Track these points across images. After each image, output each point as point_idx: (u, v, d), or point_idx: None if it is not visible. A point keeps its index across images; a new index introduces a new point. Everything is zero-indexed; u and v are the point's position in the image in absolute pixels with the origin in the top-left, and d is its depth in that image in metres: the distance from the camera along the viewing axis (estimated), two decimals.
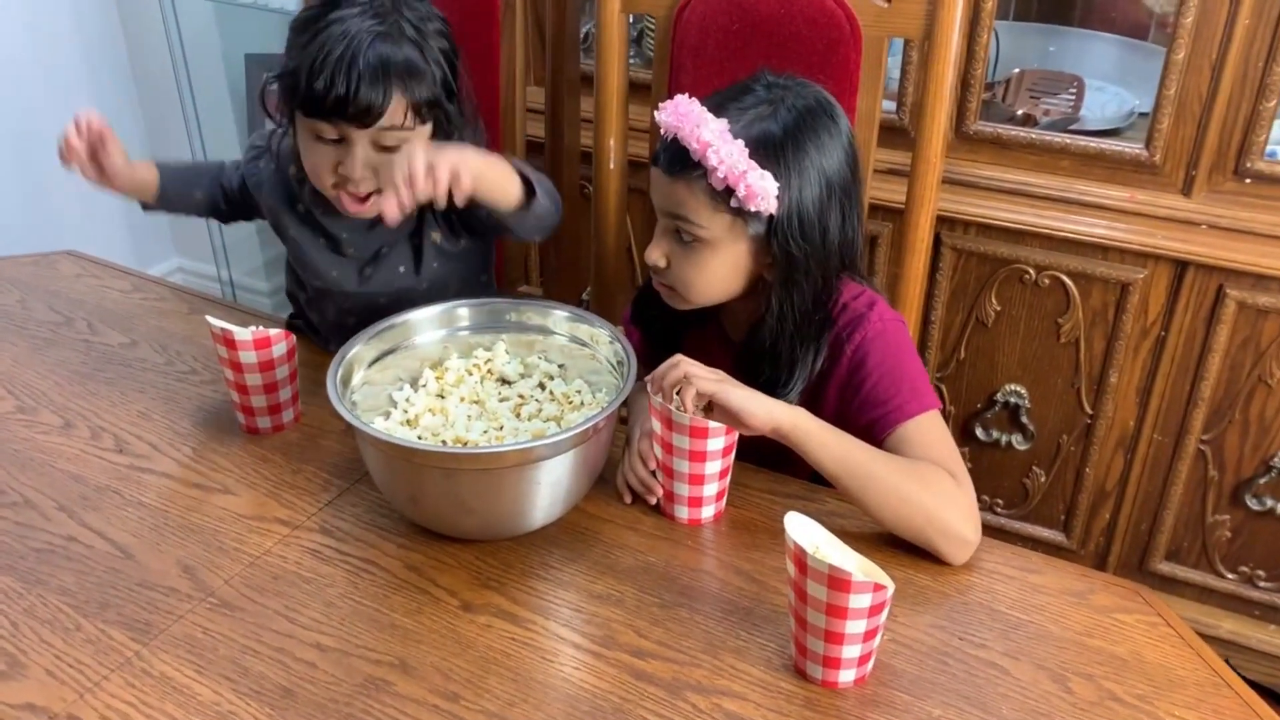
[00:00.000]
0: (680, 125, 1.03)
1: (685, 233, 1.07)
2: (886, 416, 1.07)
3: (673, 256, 1.09)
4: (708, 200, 1.04)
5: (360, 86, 1.11)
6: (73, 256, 1.63)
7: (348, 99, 1.11)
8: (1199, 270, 1.55)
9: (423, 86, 1.16)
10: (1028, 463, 1.79)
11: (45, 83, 2.44)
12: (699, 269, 1.09)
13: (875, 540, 1.05)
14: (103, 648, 0.95)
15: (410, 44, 1.15)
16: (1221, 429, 1.64)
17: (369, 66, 1.11)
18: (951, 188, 1.64)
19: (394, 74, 1.13)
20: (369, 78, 1.11)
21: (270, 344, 1.16)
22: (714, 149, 1.01)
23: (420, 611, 0.98)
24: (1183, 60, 1.48)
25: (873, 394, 1.08)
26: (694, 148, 1.02)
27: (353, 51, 1.11)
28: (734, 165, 1.01)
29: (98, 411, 1.27)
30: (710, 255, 1.07)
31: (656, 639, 0.95)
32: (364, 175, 1.18)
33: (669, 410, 1.03)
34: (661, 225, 1.10)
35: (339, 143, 1.17)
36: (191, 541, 1.07)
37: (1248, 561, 1.71)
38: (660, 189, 1.08)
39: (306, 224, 1.32)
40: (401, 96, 1.14)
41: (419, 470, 1.01)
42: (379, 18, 1.14)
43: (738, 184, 1.01)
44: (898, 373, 1.09)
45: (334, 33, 1.11)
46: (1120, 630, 0.96)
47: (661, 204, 1.09)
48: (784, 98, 1.06)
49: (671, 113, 1.04)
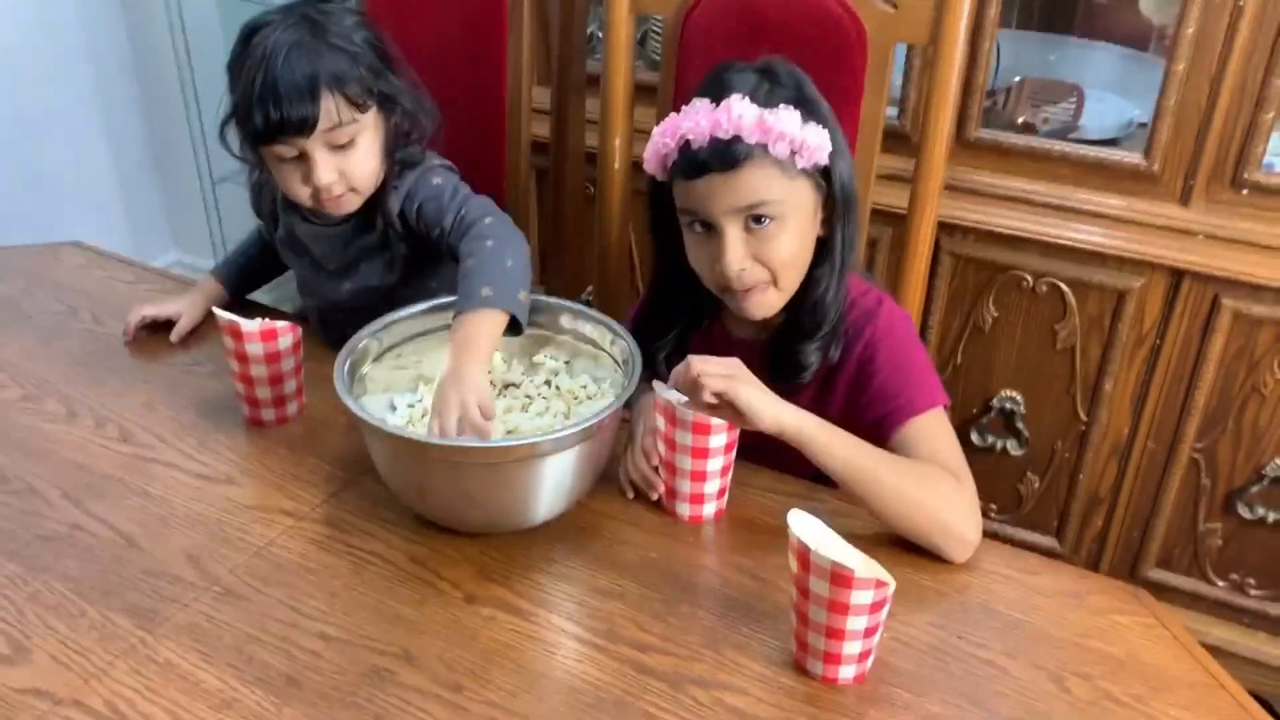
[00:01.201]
0: (720, 120, 1.02)
1: (763, 217, 1.05)
2: (896, 412, 1.08)
3: (753, 253, 1.07)
4: (779, 172, 1.04)
5: (290, 104, 1.15)
6: (78, 247, 1.63)
7: (283, 119, 1.16)
8: (1195, 279, 1.57)
9: (350, 81, 1.19)
10: (1022, 468, 1.81)
11: (49, 76, 2.44)
12: (786, 245, 1.07)
13: (876, 539, 1.06)
14: (108, 634, 0.96)
15: (329, 46, 1.19)
16: (1215, 437, 1.65)
17: (290, 83, 1.15)
18: (951, 194, 1.65)
19: (319, 80, 1.17)
20: (295, 93, 1.15)
21: (276, 336, 1.17)
22: (768, 120, 1.02)
23: (425, 603, 0.99)
24: (1182, 71, 1.50)
25: (882, 389, 1.09)
26: (749, 129, 1.02)
27: (273, 74, 1.15)
28: (791, 127, 1.02)
29: (102, 401, 1.27)
30: (792, 227, 1.07)
31: (659, 633, 0.96)
32: (331, 179, 1.21)
33: (672, 406, 1.04)
34: (730, 231, 1.05)
35: (300, 158, 1.21)
36: (196, 531, 1.08)
37: (1238, 569, 1.73)
38: (719, 191, 1.04)
39: (289, 246, 1.38)
40: (331, 96, 1.18)
41: (426, 464, 1.01)
42: (291, 29, 1.18)
43: (800, 145, 1.03)
44: (907, 369, 1.10)
45: (254, 60, 1.16)
46: (1117, 631, 0.97)
47: (728, 205, 1.05)
48: (772, 67, 1.08)
49: (701, 117, 1.03)
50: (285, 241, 1.39)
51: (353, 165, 1.22)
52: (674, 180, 1.09)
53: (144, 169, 2.74)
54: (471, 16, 1.58)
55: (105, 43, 2.54)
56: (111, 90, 2.59)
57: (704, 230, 1.09)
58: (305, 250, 1.37)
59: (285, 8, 1.22)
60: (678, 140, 1.06)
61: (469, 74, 1.61)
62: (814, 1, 1.32)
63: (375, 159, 1.25)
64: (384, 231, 1.30)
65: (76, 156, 2.56)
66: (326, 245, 1.34)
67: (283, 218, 1.37)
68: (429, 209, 1.27)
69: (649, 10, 1.48)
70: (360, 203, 1.27)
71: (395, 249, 1.31)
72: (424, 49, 1.60)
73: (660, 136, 1.08)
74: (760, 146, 1.03)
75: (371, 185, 1.27)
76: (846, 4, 1.31)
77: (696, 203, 1.07)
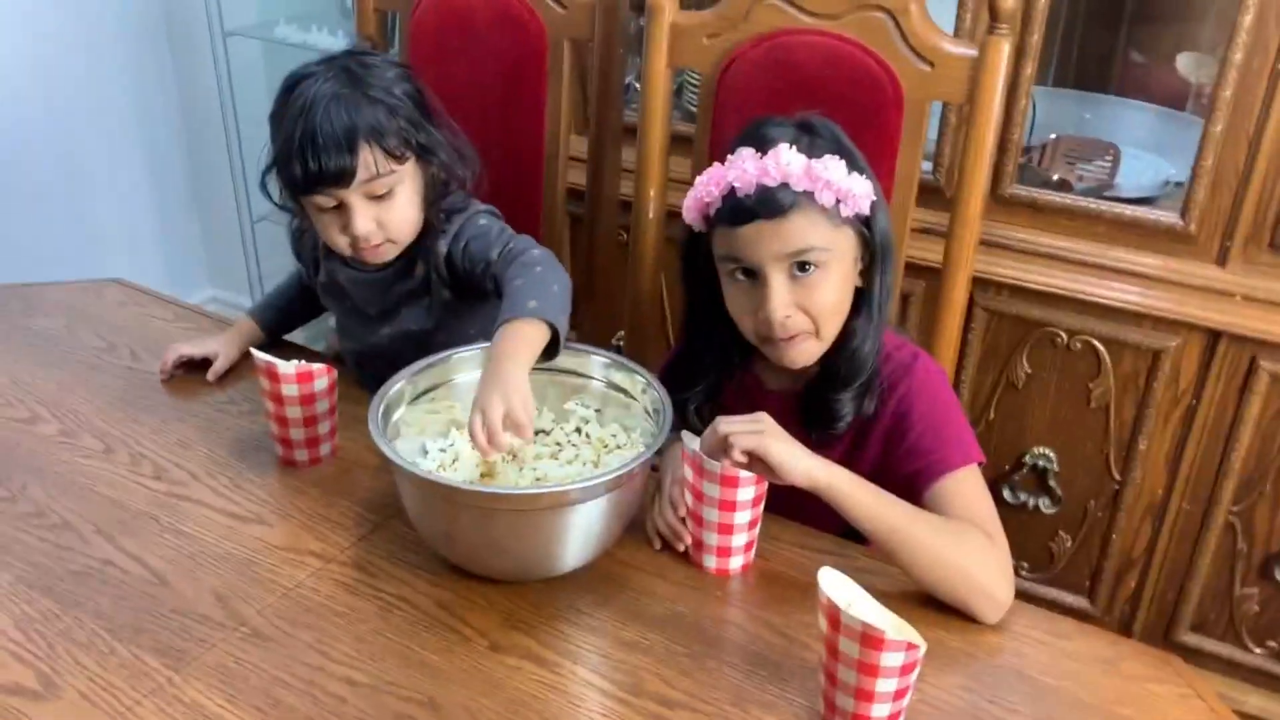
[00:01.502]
0: (769, 167, 1.04)
1: (808, 264, 1.06)
2: (931, 467, 1.07)
3: (797, 300, 1.07)
4: (824, 219, 1.05)
5: (328, 155, 1.17)
6: (119, 284, 1.66)
7: (322, 170, 1.18)
8: (1232, 341, 1.55)
9: (389, 134, 1.21)
10: (1054, 527, 1.78)
11: (94, 119, 2.50)
12: (830, 293, 1.08)
13: (905, 598, 1.05)
14: (136, 672, 0.96)
15: (368, 99, 1.21)
16: (1252, 500, 1.63)
17: (329, 135, 1.17)
18: (986, 249, 1.65)
19: (357, 132, 1.19)
20: (333, 145, 1.17)
21: (313, 379, 1.18)
22: (814, 168, 1.03)
23: (450, 650, 0.99)
24: (1220, 133, 1.49)
25: (918, 444, 1.09)
26: (796, 176, 1.03)
27: (312, 126, 1.17)
28: (837, 176, 1.04)
29: (138, 438, 1.29)
30: (835, 275, 1.08)
31: (684, 689, 0.95)
32: (369, 229, 1.24)
33: (700, 458, 1.03)
34: (775, 278, 1.06)
35: (339, 208, 1.23)
36: (226, 570, 1.09)
37: (1276, 636, 1.69)
38: (766, 238, 1.05)
39: (330, 291, 1.41)
40: (369, 148, 1.20)
41: (455, 509, 1.02)
42: (332, 81, 1.20)
43: (845, 194, 1.04)
44: (943, 424, 1.10)
45: (294, 111, 1.19)
46: (1151, 701, 0.95)
47: (775, 252, 1.05)
48: (809, 121, 1.10)
49: (748, 166, 1.05)
50: (326, 287, 1.41)
51: (391, 215, 1.24)
52: (716, 228, 1.10)
53: (184, 206, 2.79)
54: (512, 65, 1.61)
55: (151, 83, 2.60)
56: (155, 129, 2.65)
57: (746, 278, 1.09)
58: (345, 295, 1.39)
59: (328, 59, 1.25)
60: (723, 189, 1.07)
61: (508, 121, 1.64)
62: (851, 59, 1.33)
63: (414, 209, 1.27)
64: (426, 276, 1.32)
65: (118, 192, 2.61)
66: (367, 290, 1.36)
67: (324, 264, 1.39)
68: (476, 246, 1.28)
69: (686, 65, 1.50)
70: (397, 252, 1.30)
71: (437, 294, 1.33)
72: (464, 96, 1.63)
73: (704, 186, 1.09)
74: (806, 194, 1.04)
75: (409, 235, 1.29)
76: (884, 62, 1.32)
77: (741, 250, 1.07)
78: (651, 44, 1.46)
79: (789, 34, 1.37)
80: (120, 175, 2.61)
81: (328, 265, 1.39)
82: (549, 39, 1.58)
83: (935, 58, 1.31)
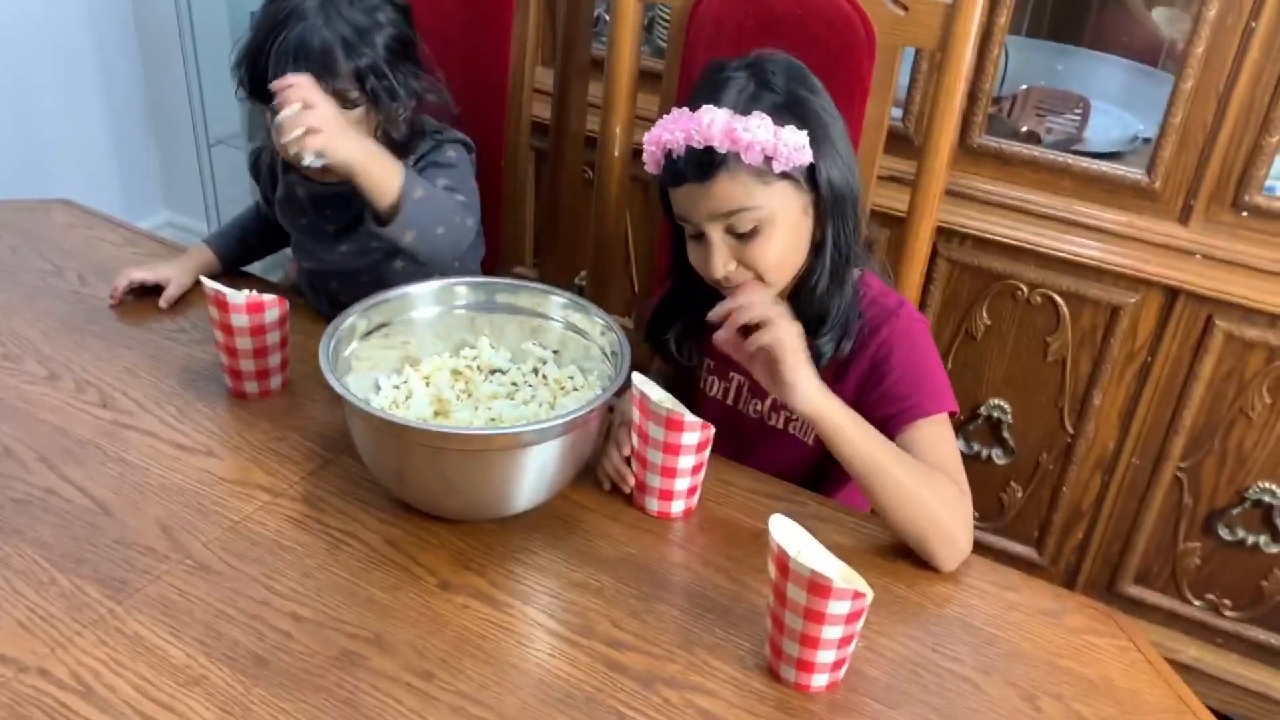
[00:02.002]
0: (692, 130, 1.03)
1: (744, 222, 1.05)
2: (905, 412, 1.08)
3: (739, 256, 1.08)
4: (754, 179, 1.04)
5: (276, 74, 1.15)
6: (67, 205, 1.61)
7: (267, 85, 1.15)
8: (1190, 299, 1.56)
9: (341, 77, 1.20)
10: (1006, 477, 1.80)
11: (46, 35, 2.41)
12: (770, 249, 1.07)
13: (857, 547, 1.06)
14: (77, 603, 0.95)
15: (335, 33, 1.19)
16: (1199, 457, 1.65)
17: (282, 54, 1.17)
18: (951, 199, 1.64)
19: (312, 62, 1.17)
20: (283, 66, 1.16)
21: (263, 309, 1.16)
22: (738, 129, 1.02)
23: (398, 588, 0.98)
24: (1190, 90, 1.49)
25: (895, 388, 1.10)
26: (718, 139, 1.02)
27: (272, 41, 1.17)
28: (762, 135, 1.02)
29: (84, 365, 1.26)
30: (774, 231, 1.07)
31: (633, 631, 0.95)
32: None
33: (647, 398, 1.03)
34: (712, 236, 1.07)
35: None
36: (171, 502, 1.07)
37: (1215, 590, 1.73)
38: (698, 199, 1.06)
39: (288, 206, 1.37)
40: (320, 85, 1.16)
41: (406, 447, 1.00)
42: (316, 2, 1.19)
43: (775, 150, 1.02)
44: (921, 370, 1.11)
45: (266, 20, 1.18)
46: (1091, 653, 0.97)
47: (707, 212, 1.06)
48: (763, 65, 1.08)
49: (678, 127, 1.04)
50: (284, 202, 1.37)
51: None
52: (665, 186, 1.11)
53: (139, 128, 2.71)
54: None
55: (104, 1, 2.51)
56: (110, 48, 2.56)
57: (692, 234, 1.10)
58: (304, 211, 1.35)
59: None
60: (661, 148, 1.07)
61: (471, 50, 1.59)
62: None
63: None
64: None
65: (72, 113, 2.53)
66: (327, 205, 1.33)
67: (282, 178, 1.36)
68: (429, 173, 1.27)
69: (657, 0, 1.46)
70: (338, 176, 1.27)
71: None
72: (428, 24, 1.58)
73: (648, 144, 1.09)
74: (734, 155, 1.03)
75: None
76: (857, 4, 1.30)
77: (681, 209, 1.09)
78: None
79: None
80: (73, 93, 2.53)
81: (286, 180, 1.35)
82: None
83: (909, 1, 1.29)
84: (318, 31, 1.18)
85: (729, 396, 1.23)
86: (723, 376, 1.24)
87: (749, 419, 1.22)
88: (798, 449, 1.20)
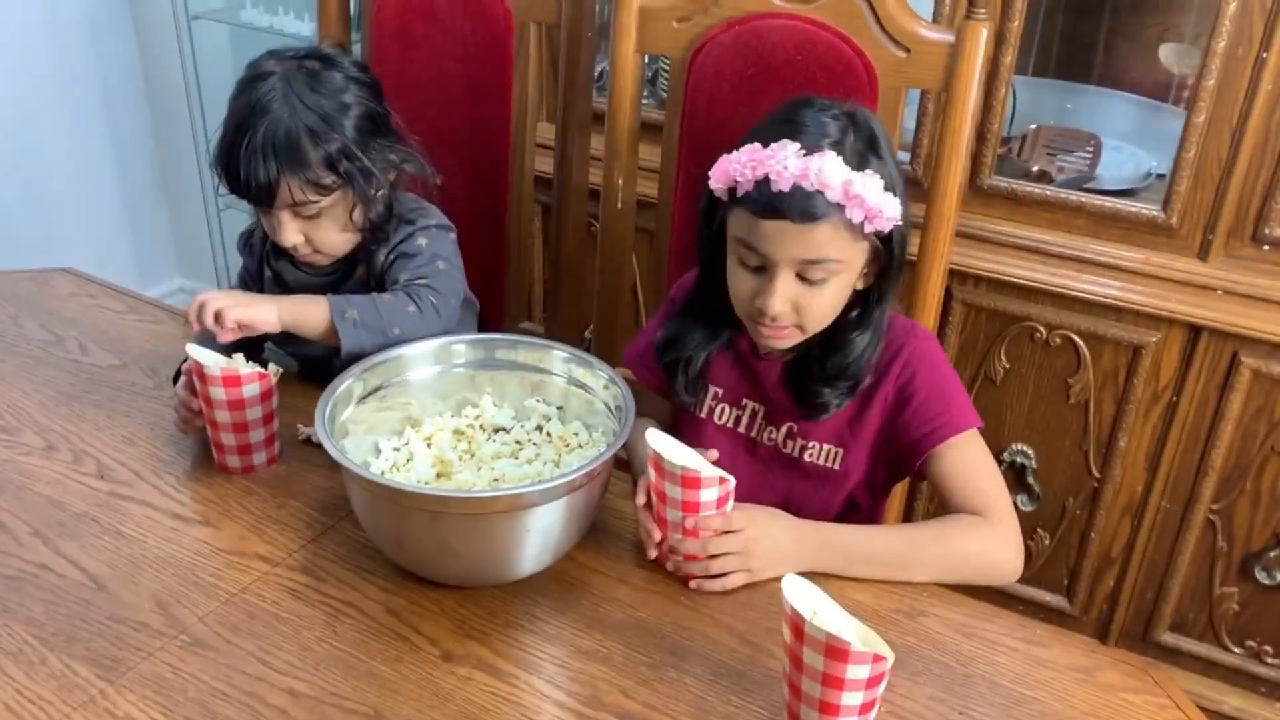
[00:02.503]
0: (810, 171, 1.00)
1: (820, 271, 1.04)
2: (935, 433, 1.09)
3: (795, 298, 1.06)
4: (848, 234, 1.03)
5: (253, 175, 1.16)
6: (69, 274, 1.60)
7: (246, 186, 1.18)
8: (1213, 336, 1.52)
9: (311, 167, 1.18)
10: (1032, 524, 1.75)
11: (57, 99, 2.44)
12: (830, 300, 1.07)
13: (875, 606, 1.01)
14: (67, 684, 0.91)
15: (303, 126, 1.17)
16: (1232, 499, 1.60)
17: (257, 158, 1.16)
18: (964, 242, 1.61)
19: (282, 162, 1.16)
20: (260, 167, 1.16)
21: (240, 383, 1.12)
22: (855, 185, 1.00)
23: (399, 660, 0.95)
24: (1203, 124, 1.46)
25: (922, 409, 1.10)
26: (835, 190, 1.00)
27: (243, 141, 1.16)
28: (873, 197, 1.01)
29: (82, 435, 1.24)
30: (840, 284, 1.07)
31: (644, 700, 0.91)
32: (296, 240, 1.23)
33: (661, 457, 0.99)
34: (783, 276, 1.04)
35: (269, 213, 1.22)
36: (167, 575, 1.04)
37: (1255, 636, 1.67)
38: (789, 239, 1.03)
39: (278, 289, 1.35)
40: (292, 178, 1.17)
41: (404, 512, 0.97)
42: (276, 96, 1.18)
43: (876, 214, 1.02)
44: (945, 389, 1.12)
45: (236, 116, 1.19)
46: (1128, 712, 0.92)
47: (793, 254, 1.03)
48: (866, 122, 1.06)
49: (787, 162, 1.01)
50: (273, 285, 1.36)
51: (317, 234, 1.24)
52: (737, 207, 1.06)
53: (150, 195, 2.73)
54: (477, 49, 1.56)
55: (116, 67, 2.54)
56: (120, 114, 2.58)
57: (753, 264, 1.07)
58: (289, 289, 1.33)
59: (290, 58, 1.23)
60: (757, 175, 1.03)
61: (474, 107, 1.59)
62: (825, 44, 1.29)
63: (341, 229, 1.25)
64: (366, 281, 1.29)
65: (83, 180, 2.55)
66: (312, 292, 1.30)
67: (273, 263, 1.35)
68: (398, 264, 1.26)
69: (655, 51, 1.45)
70: (330, 261, 1.28)
71: None
72: (427, 81, 1.58)
73: (738, 162, 1.04)
74: (838, 207, 1.01)
75: (339, 250, 1.27)
76: (858, 47, 1.28)
77: (758, 242, 1.05)
78: (619, 28, 1.41)
79: (760, 18, 1.33)
80: (85, 164, 2.55)
81: (276, 265, 1.35)
82: (515, 22, 1.53)
83: (911, 43, 1.27)
84: (282, 124, 1.16)
85: (741, 424, 1.20)
86: (735, 404, 1.20)
87: (763, 447, 1.18)
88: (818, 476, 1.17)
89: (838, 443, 1.14)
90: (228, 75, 2.43)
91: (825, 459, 1.15)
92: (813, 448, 1.15)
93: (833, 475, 1.15)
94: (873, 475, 1.16)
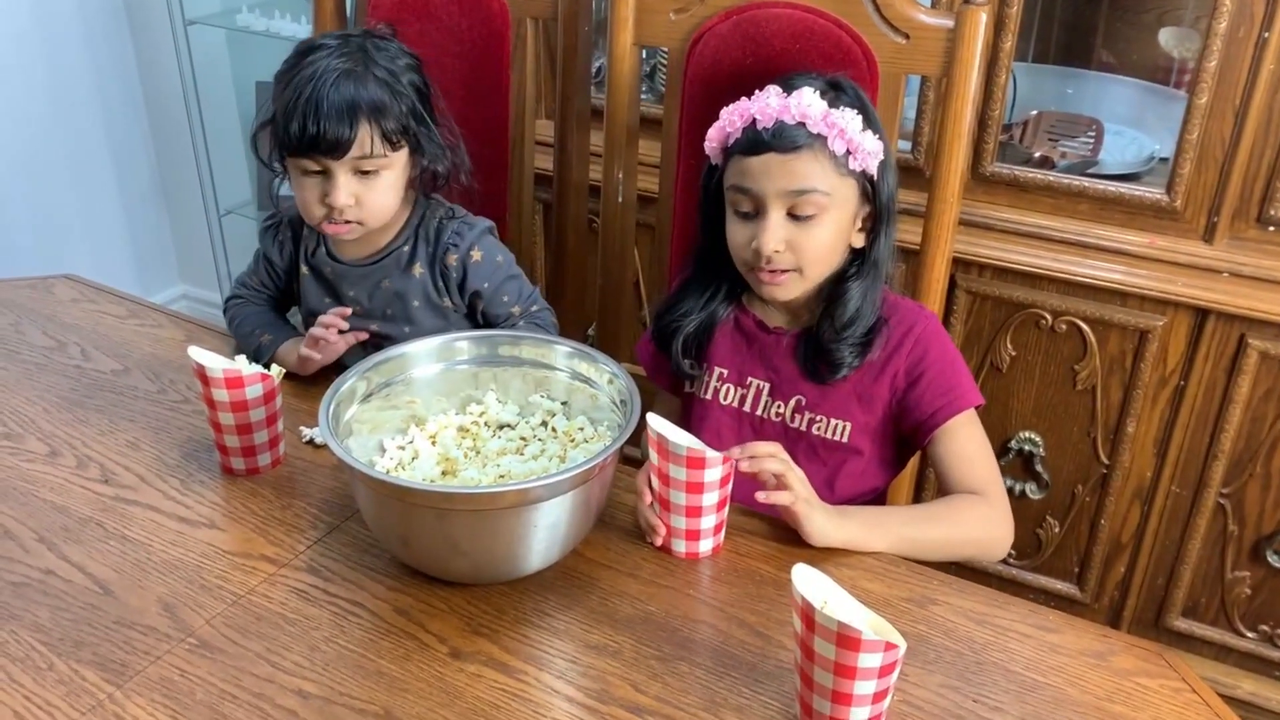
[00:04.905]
0: (790, 106, 1.08)
1: (809, 205, 1.10)
2: (943, 409, 1.14)
3: (790, 239, 1.11)
4: (832, 165, 1.09)
5: (328, 123, 1.19)
6: (70, 281, 1.60)
7: (319, 135, 1.20)
8: (1220, 319, 1.51)
9: (389, 118, 1.23)
10: (1041, 512, 1.74)
11: (56, 107, 2.43)
12: (821, 239, 1.12)
13: (886, 594, 1.01)
14: (75, 689, 0.91)
15: (376, 80, 1.23)
16: (1242, 482, 1.59)
17: (334, 105, 1.19)
18: (967, 229, 1.60)
19: (360, 108, 1.21)
20: (335, 114, 1.19)
21: (243, 384, 1.11)
22: (833, 115, 1.08)
23: (408, 658, 0.94)
24: (1205, 105, 1.45)
25: (933, 385, 1.14)
26: (815, 118, 1.07)
27: (319, 93, 1.19)
28: (852, 128, 1.08)
29: (85, 440, 1.23)
30: (830, 222, 1.11)
31: (654, 694, 0.90)
32: (347, 202, 1.24)
33: (664, 439, 0.99)
34: (773, 212, 1.10)
35: (323, 174, 1.24)
36: (174, 578, 1.03)
37: (1268, 620, 1.65)
38: (775, 171, 1.09)
39: (316, 279, 1.38)
40: (369, 127, 1.22)
41: (410, 510, 0.97)
42: (345, 57, 1.22)
43: (857, 147, 1.09)
44: (954, 366, 1.16)
45: (304, 77, 1.21)
46: (1142, 695, 0.91)
47: (780, 186, 1.09)
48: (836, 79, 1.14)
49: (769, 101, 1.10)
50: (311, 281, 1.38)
51: (370, 195, 1.25)
52: (731, 159, 1.13)
53: (151, 202, 2.72)
54: (473, 46, 1.56)
55: (113, 74, 2.53)
56: (119, 123, 2.58)
57: (748, 210, 1.13)
58: (331, 289, 1.37)
59: (343, 35, 1.26)
60: (745, 119, 1.10)
61: (472, 104, 1.58)
62: (823, 32, 1.29)
63: (393, 196, 1.28)
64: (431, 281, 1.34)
65: (83, 188, 2.55)
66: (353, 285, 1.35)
67: (309, 258, 1.37)
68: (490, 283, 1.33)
69: (653, 43, 1.44)
70: (362, 234, 1.29)
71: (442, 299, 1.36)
72: None
73: (728, 116, 1.13)
74: (820, 138, 1.08)
75: (381, 220, 1.29)
76: (856, 34, 1.27)
77: (749, 180, 1.11)
78: (617, 20, 1.41)
79: (758, 7, 1.32)
80: (85, 172, 2.54)
81: (314, 260, 1.36)
82: (511, 18, 1.52)
83: (910, 29, 1.26)
84: (362, 77, 1.21)
85: (745, 403, 1.20)
86: (739, 384, 1.21)
87: (769, 424, 1.19)
88: (826, 451, 1.18)
89: (845, 416, 1.17)
90: (225, 79, 2.45)
91: (833, 433, 1.18)
92: (820, 420, 1.18)
93: (839, 449, 1.17)
94: (880, 451, 1.19)
